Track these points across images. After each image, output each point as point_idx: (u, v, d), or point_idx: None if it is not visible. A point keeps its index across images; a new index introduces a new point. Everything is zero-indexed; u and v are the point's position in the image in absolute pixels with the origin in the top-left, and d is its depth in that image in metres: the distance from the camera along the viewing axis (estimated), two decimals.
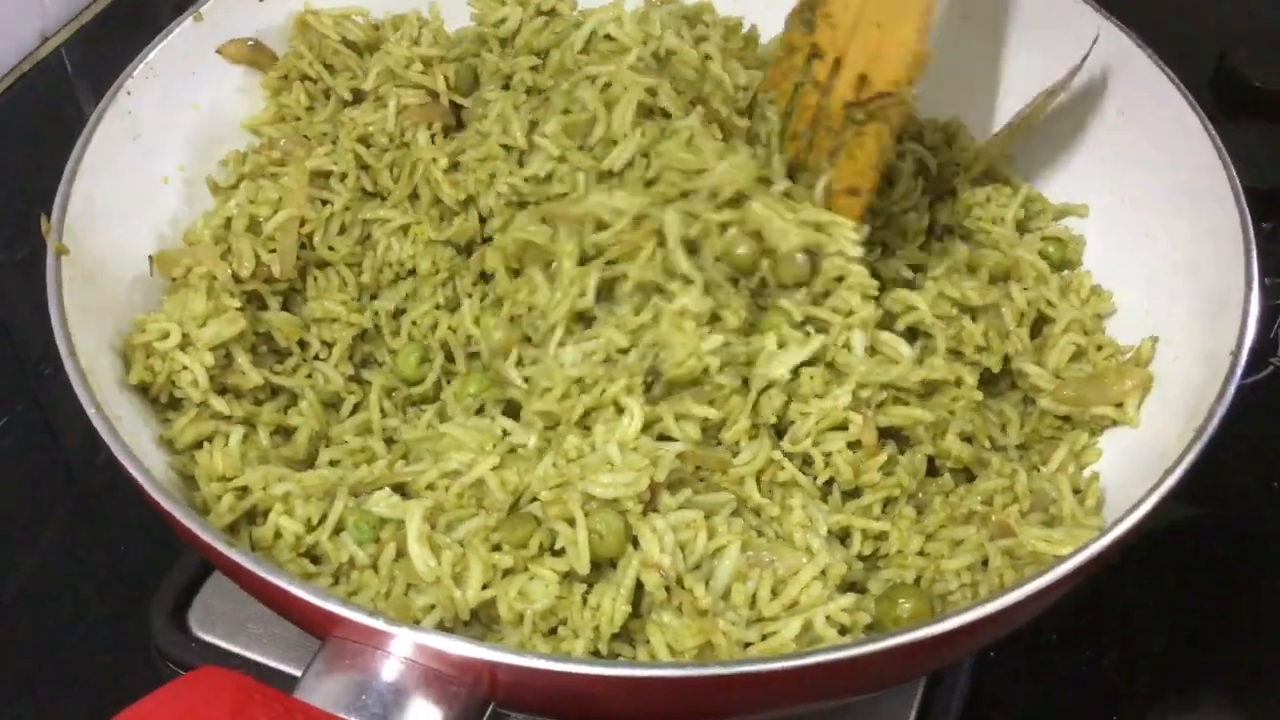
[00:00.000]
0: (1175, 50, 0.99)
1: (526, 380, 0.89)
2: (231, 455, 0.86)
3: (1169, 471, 0.76)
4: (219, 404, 0.88)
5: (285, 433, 0.92)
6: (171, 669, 0.95)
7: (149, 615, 0.98)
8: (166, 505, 0.73)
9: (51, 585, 1.03)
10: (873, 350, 0.89)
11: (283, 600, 0.71)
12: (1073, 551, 0.71)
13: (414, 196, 1.00)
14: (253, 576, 0.71)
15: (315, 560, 0.83)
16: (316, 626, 0.71)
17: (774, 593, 0.77)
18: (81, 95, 1.48)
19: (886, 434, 0.89)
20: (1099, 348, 0.95)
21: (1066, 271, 1.02)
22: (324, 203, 0.98)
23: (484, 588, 0.76)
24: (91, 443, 0.78)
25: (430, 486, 0.82)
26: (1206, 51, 1.38)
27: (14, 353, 1.22)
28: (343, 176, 1.00)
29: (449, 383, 0.95)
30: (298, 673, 0.89)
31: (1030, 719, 0.98)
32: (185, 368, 0.87)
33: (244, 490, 0.85)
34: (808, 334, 0.88)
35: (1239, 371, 0.80)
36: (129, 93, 0.95)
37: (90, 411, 0.77)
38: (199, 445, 0.88)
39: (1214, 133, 0.93)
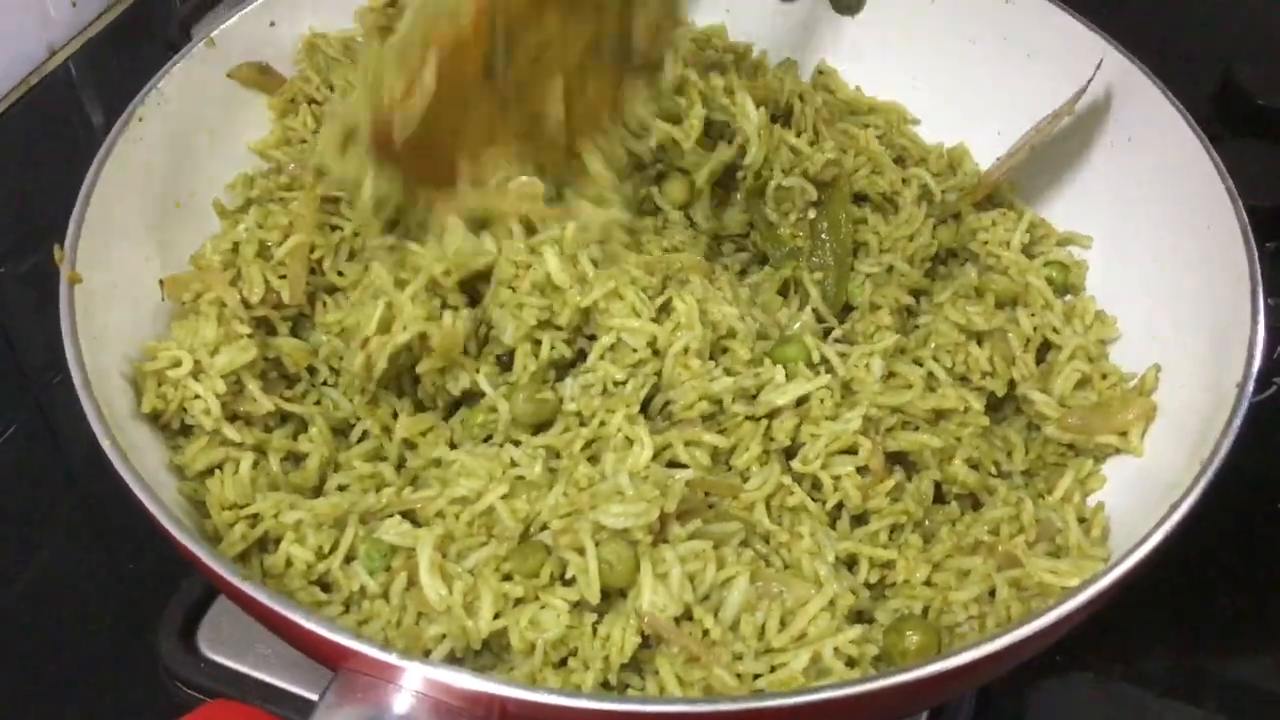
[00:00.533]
0: (1179, 67, 1.00)
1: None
2: (242, 483, 0.87)
3: (1175, 506, 0.76)
4: (230, 432, 0.89)
5: (295, 459, 0.93)
6: (179, 689, 0.95)
7: (157, 634, 0.97)
8: (181, 538, 0.74)
9: (57, 601, 1.03)
10: (888, 374, 0.91)
11: (296, 633, 0.72)
12: (1080, 584, 0.72)
13: None
14: (266, 609, 0.71)
15: (326, 588, 0.84)
16: (328, 658, 0.72)
17: (783, 623, 0.78)
18: (88, 108, 1.49)
19: (894, 459, 0.90)
20: (1103, 375, 0.95)
21: (1070, 296, 1.03)
22: (334, 228, 0.99)
23: (495, 617, 0.77)
24: (97, 454, 0.78)
25: (440, 514, 0.83)
26: (1211, 69, 1.38)
27: (17, 364, 1.22)
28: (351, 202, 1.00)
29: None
30: (306, 694, 0.92)
31: None
32: (198, 396, 0.88)
33: (255, 518, 0.85)
34: (818, 372, 0.89)
35: (1244, 406, 0.80)
36: (140, 119, 0.95)
37: (105, 444, 0.77)
38: (210, 472, 0.89)
39: (1220, 163, 0.93)
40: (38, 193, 1.33)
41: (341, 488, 0.91)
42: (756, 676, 0.76)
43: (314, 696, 0.73)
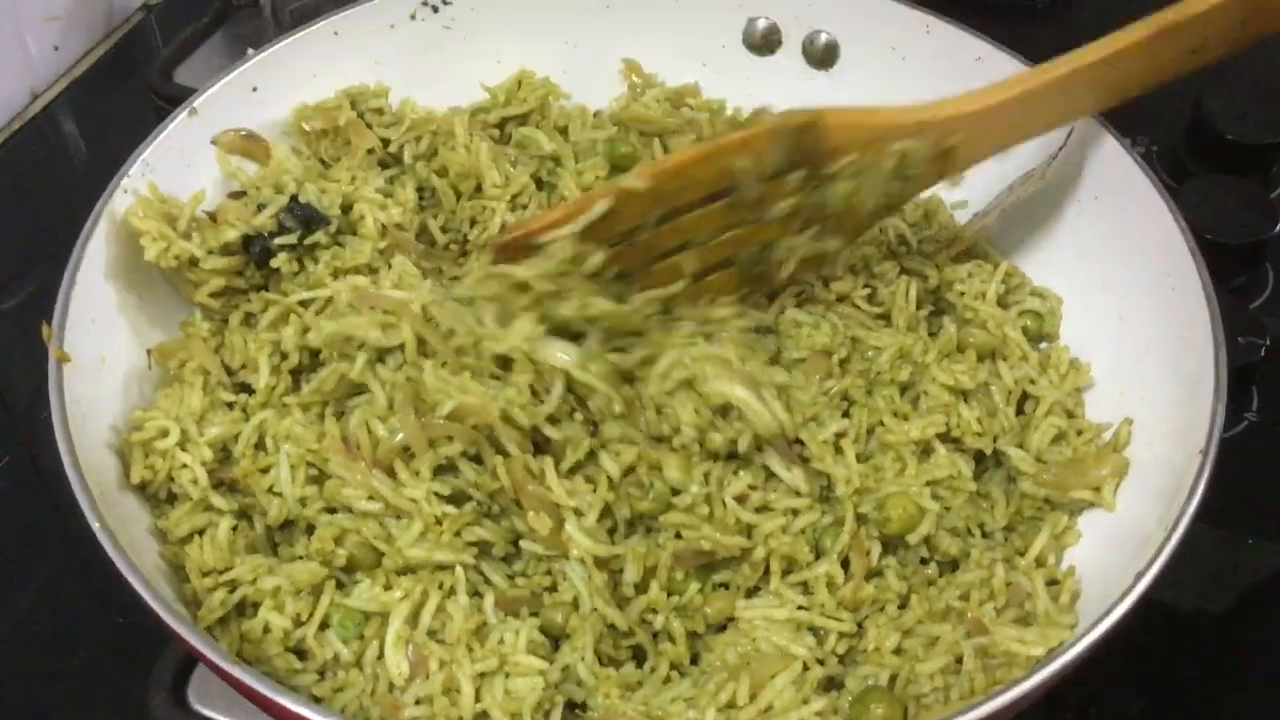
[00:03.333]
0: (1149, 103, 1.00)
1: None
2: (220, 547, 0.88)
3: (1140, 574, 0.78)
4: (217, 500, 0.90)
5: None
6: None
7: (147, 688, 0.97)
8: (177, 627, 0.76)
9: (45, 655, 1.04)
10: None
11: (286, 716, 0.73)
12: (1046, 655, 0.74)
13: None
14: (261, 696, 0.73)
15: (301, 655, 0.85)
16: None
17: (751, 696, 0.80)
18: (71, 150, 1.50)
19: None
20: (1079, 432, 0.97)
21: (1045, 344, 1.05)
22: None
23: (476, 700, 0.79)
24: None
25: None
26: (1181, 104, 1.39)
27: (4, 400, 1.23)
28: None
29: None
30: None
31: None
32: (185, 465, 0.89)
33: (234, 584, 0.87)
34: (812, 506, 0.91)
35: (1208, 472, 0.82)
36: (125, 191, 0.96)
37: (95, 526, 0.79)
38: (191, 537, 0.90)
39: (1183, 222, 0.95)
40: (23, 234, 1.34)
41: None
42: None
43: None
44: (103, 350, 0.92)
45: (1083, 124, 1.02)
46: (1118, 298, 1.01)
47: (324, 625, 0.85)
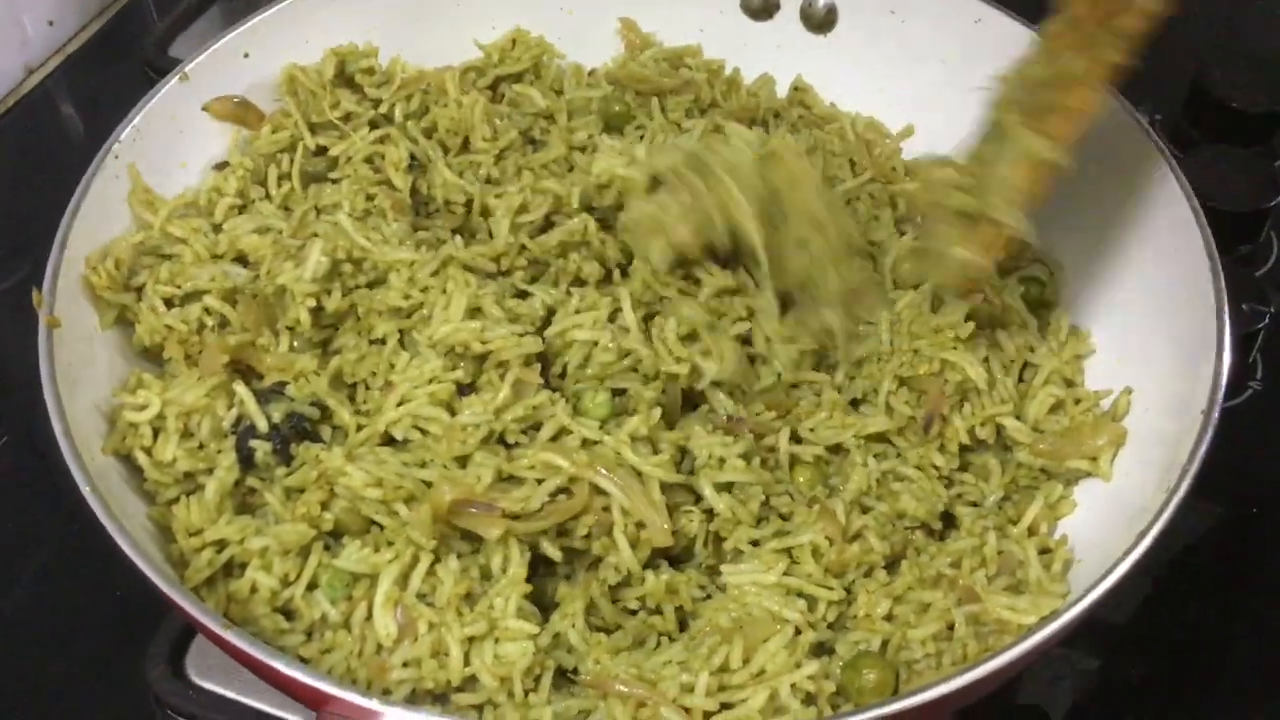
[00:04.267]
0: (1152, 73, 0.98)
1: None
2: (207, 507, 0.87)
3: (1141, 534, 0.78)
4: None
5: None
6: (169, 716, 0.96)
7: (146, 661, 0.98)
8: (164, 587, 0.75)
9: (45, 628, 1.03)
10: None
11: (278, 677, 0.73)
12: (1037, 622, 0.73)
13: None
14: (250, 657, 0.73)
15: (288, 615, 0.85)
16: (310, 702, 0.74)
17: (744, 660, 0.79)
18: (67, 126, 1.49)
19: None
20: (1077, 401, 0.97)
21: (1044, 311, 1.04)
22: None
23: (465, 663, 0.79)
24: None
25: None
26: (1182, 73, 1.38)
27: (1, 382, 1.22)
28: None
29: None
30: (292, 719, 0.93)
31: None
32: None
33: (221, 544, 0.86)
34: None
35: (1210, 434, 0.81)
36: (116, 156, 0.96)
37: (85, 490, 0.79)
38: (178, 498, 0.89)
39: (1190, 191, 0.94)
40: (19, 211, 1.33)
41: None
42: (709, 715, 0.78)
43: None
44: (93, 318, 0.92)
45: None
46: (1119, 264, 1.00)
47: (312, 586, 0.84)
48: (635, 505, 0.84)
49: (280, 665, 0.71)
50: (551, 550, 0.84)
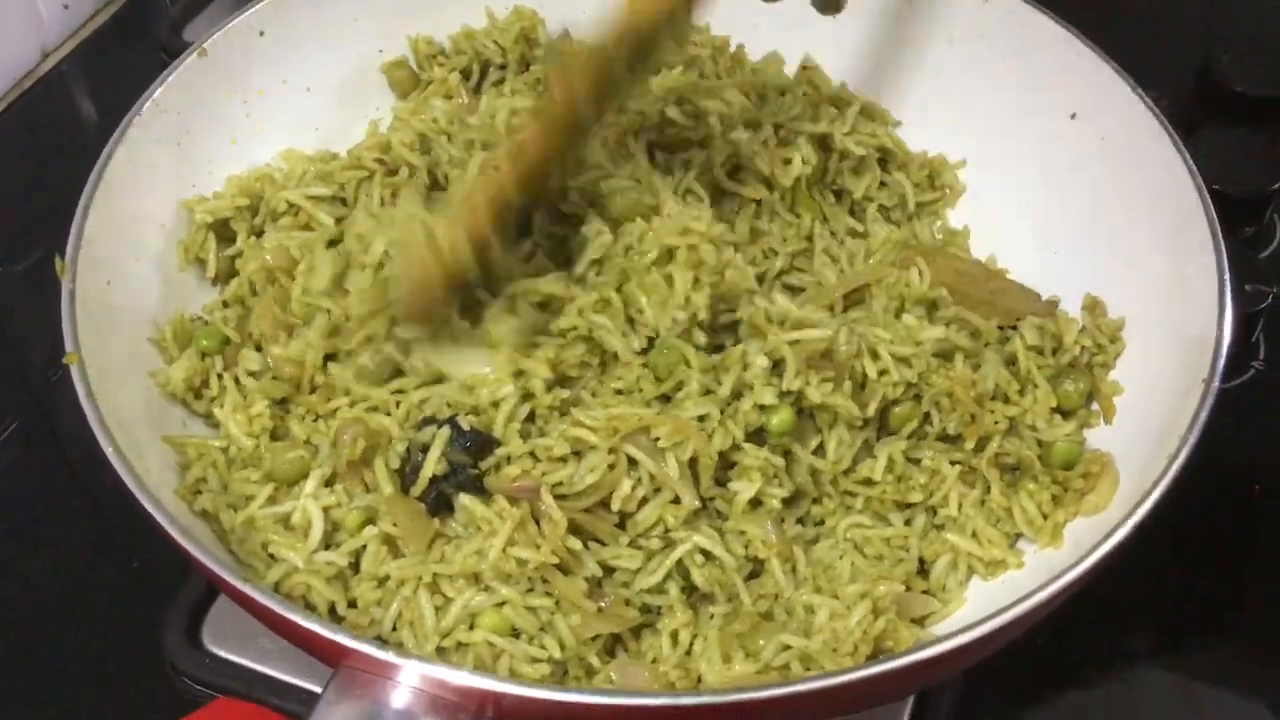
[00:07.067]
0: (1159, 55, 1.00)
1: None
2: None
3: (1146, 494, 0.79)
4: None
5: None
6: (186, 684, 0.97)
7: (163, 630, 0.99)
8: (184, 543, 0.76)
9: (61, 599, 1.04)
10: None
11: (297, 632, 0.74)
12: (1046, 580, 0.75)
13: None
14: (269, 611, 0.74)
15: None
16: (328, 656, 0.75)
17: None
18: (82, 108, 1.50)
19: None
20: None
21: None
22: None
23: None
24: (97, 450, 0.80)
25: None
26: (1190, 56, 1.38)
27: (17, 363, 1.24)
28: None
29: None
30: (310, 686, 0.95)
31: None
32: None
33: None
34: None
35: (1210, 403, 0.83)
36: (137, 129, 0.97)
37: (109, 450, 0.79)
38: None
39: (1190, 161, 0.95)
40: (35, 193, 1.34)
41: None
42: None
43: (317, 689, 0.75)
44: (116, 285, 0.93)
45: (1094, 71, 1.02)
46: (1126, 244, 1.00)
47: None
48: None
49: (298, 619, 0.73)
50: None
